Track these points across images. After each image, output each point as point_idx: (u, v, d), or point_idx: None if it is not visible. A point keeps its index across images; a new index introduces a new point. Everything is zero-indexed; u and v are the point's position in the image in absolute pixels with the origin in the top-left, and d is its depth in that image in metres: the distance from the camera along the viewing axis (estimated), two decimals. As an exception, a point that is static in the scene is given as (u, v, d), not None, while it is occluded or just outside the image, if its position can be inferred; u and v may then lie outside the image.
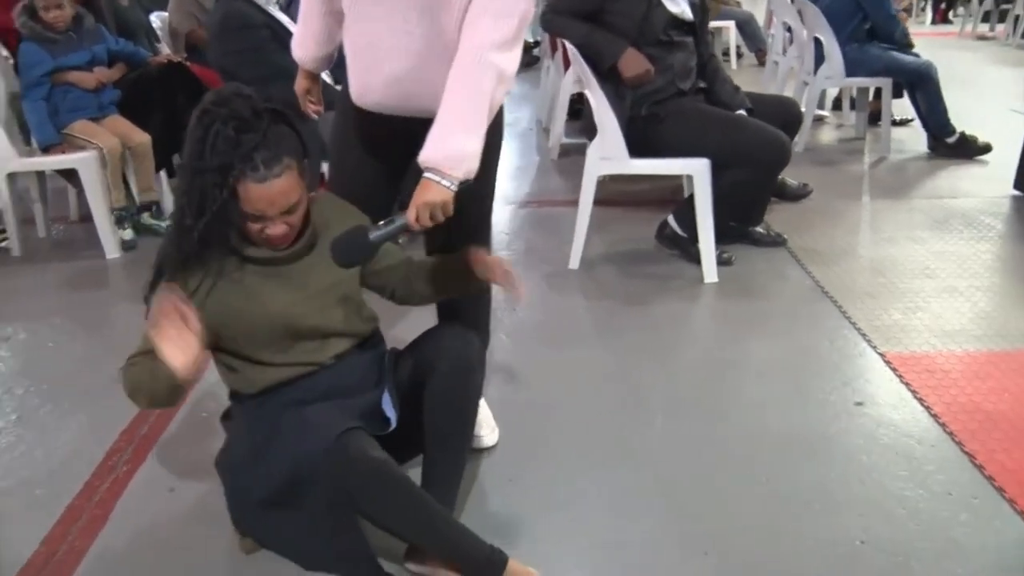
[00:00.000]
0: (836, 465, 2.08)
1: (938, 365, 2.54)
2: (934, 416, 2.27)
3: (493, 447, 2.17)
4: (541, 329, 2.91)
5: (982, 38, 10.56)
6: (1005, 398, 2.35)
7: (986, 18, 11.00)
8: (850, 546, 1.80)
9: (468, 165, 1.64)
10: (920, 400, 2.35)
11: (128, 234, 3.82)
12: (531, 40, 8.99)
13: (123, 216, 3.82)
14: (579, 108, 5.07)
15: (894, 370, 2.51)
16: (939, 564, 1.74)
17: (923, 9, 13.11)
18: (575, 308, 3.08)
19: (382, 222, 1.65)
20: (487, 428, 2.17)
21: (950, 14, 12.67)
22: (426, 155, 1.64)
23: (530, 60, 8.61)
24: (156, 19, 4.92)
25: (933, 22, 12.68)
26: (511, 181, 4.70)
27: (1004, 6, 10.69)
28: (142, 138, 3.86)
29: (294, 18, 3.16)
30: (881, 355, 2.60)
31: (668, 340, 2.79)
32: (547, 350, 2.75)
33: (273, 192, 1.55)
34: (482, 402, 2.16)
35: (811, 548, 1.80)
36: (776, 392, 2.43)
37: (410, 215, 1.62)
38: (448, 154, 1.63)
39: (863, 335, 2.73)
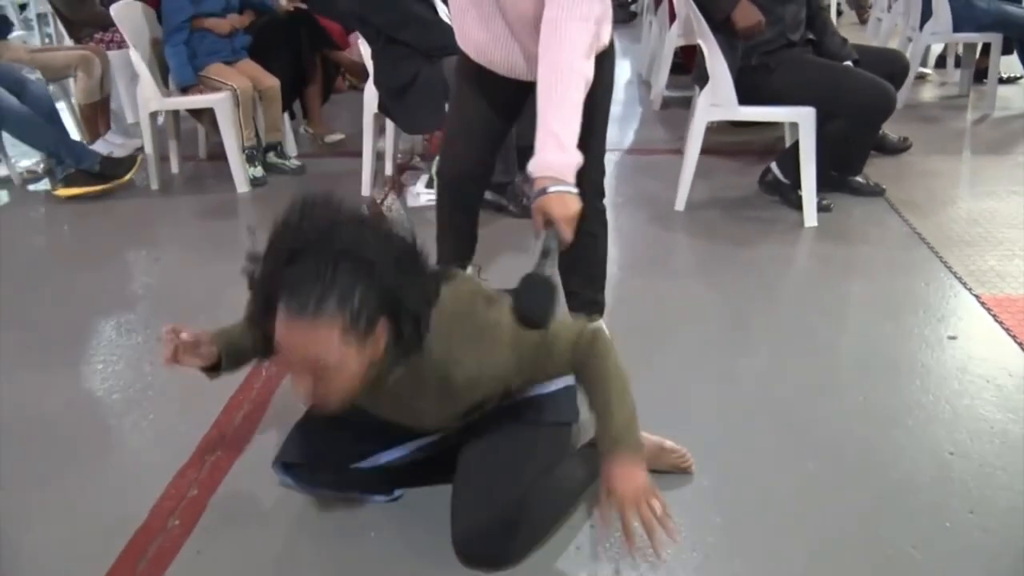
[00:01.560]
0: (929, 390, 2.23)
1: (1034, 308, 2.65)
2: (1028, 353, 2.40)
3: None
4: (648, 264, 3.10)
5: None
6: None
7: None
8: (940, 457, 1.96)
9: (576, 171, 1.70)
10: (1013, 337, 2.47)
11: (259, 171, 4.11)
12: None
13: (253, 154, 4.12)
14: (679, 63, 5.19)
15: (988, 310, 2.63)
16: (1024, 475, 1.89)
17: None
18: (680, 246, 3.26)
19: (539, 259, 1.56)
20: None
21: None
22: (539, 171, 1.68)
23: (626, 16, 8.68)
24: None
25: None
26: (615, 130, 4.87)
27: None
28: (272, 82, 4.14)
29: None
30: (976, 296, 2.72)
31: (770, 278, 2.96)
32: (653, 283, 2.94)
33: (294, 337, 1.31)
34: (601, 319, 2.37)
35: (904, 457, 1.96)
36: (873, 325, 2.58)
37: (563, 235, 1.63)
38: (558, 168, 1.67)
39: (958, 278, 2.85)
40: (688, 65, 4.87)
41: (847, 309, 2.71)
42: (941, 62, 6.01)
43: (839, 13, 8.36)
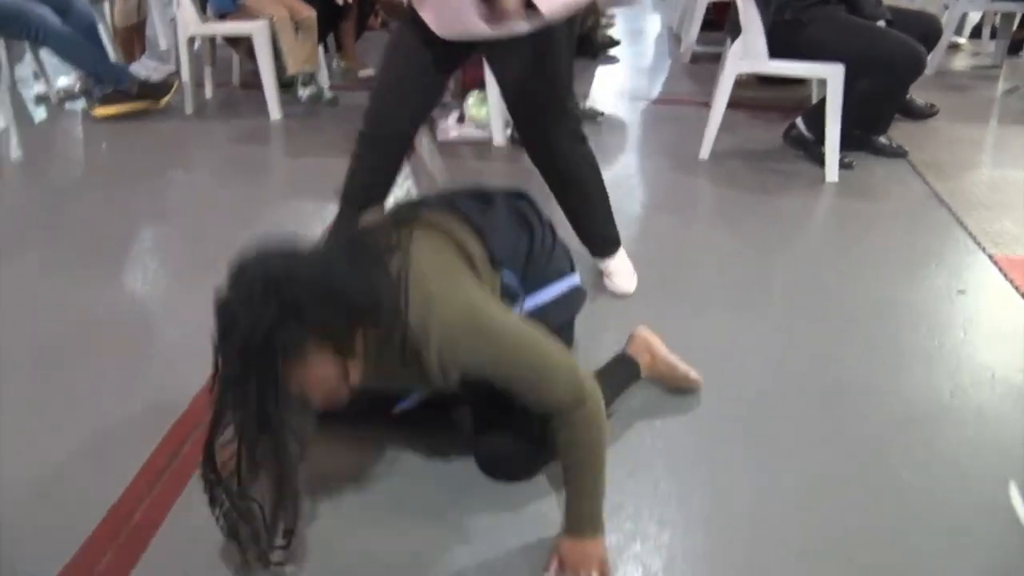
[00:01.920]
0: (935, 337, 2.30)
1: (1045, 270, 2.71)
2: (1036, 311, 2.47)
3: (631, 293, 2.48)
4: (670, 206, 3.19)
5: None
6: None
7: None
8: (939, 400, 2.04)
9: None
10: (1023, 295, 2.54)
11: (311, 90, 4.23)
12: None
13: (307, 80, 4.22)
14: (710, 19, 5.21)
15: (1000, 268, 2.70)
16: (1021, 424, 1.97)
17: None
18: (703, 192, 3.33)
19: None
20: (626, 275, 2.47)
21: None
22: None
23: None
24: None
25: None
26: (644, 80, 4.92)
27: None
28: (308, 12, 4.20)
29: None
30: (989, 256, 2.78)
31: (788, 226, 3.03)
32: (674, 223, 3.03)
33: (289, 378, 1.34)
34: (621, 251, 2.46)
35: (904, 398, 2.05)
36: (885, 276, 2.65)
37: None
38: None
39: (973, 237, 2.91)
40: (719, 21, 4.89)
41: (861, 259, 2.77)
42: (976, 33, 5.99)
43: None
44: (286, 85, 4.28)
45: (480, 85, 3.85)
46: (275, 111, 4.11)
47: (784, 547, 1.59)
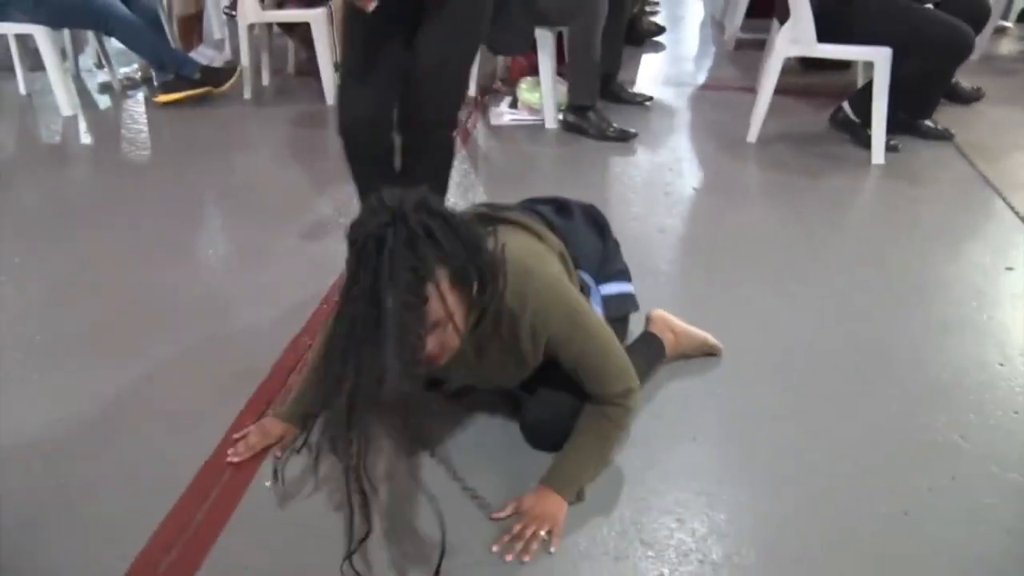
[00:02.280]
0: (984, 310, 2.38)
1: (1092, 248, 2.77)
2: (1081, 286, 2.52)
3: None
4: (718, 187, 3.27)
5: None
6: None
7: None
8: (991, 367, 2.12)
9: None
10: (1069, 271, 2.60)
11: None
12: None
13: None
14: (753, 6, 5.25)
15: (1047, 246, 2.76)
16: (1068, 387, 2.04)
17: None
18: (751, 174, 3.41)
19: None
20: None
21: None
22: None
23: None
24: None
25: None
26: (689, 67, 5.00)
27: None
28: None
29: None
30: (1037, 234, 2.85)
31: (836, 208, 3.10)
32: (723, 203, 3.11)
33: None
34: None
35: (955, 363, 2.13)
36: (934, 253, 2.72)
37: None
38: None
39: (1019, 216, 2.96)
40: (762, 8, 4.93)
41: (910, 237, 2.84)
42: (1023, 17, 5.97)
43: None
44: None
45: (533, 72, 3.95)
46: (331, 97, 4.23)
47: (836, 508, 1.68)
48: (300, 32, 4.46)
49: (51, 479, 1.72)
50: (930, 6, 3.43)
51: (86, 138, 3.84)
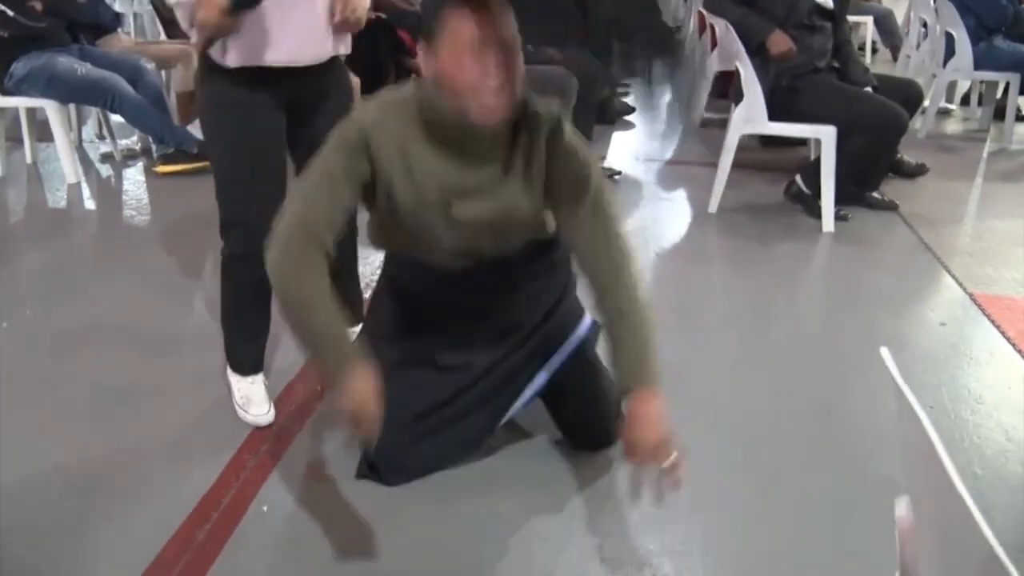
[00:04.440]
0: (918, 362, 2.63)
1: (1020, 305, 3.04)
2: (1008, 339, 2.79)
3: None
4: (683, 252, 3.55)
5: None
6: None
7: None
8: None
9: None
10: (997, 326, 2.86)
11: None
12: (672, 26, 9.52)
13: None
14: (718, 88, 5.63)
15: (978, 305, 3.03)
16: (984, 427, 2.29)
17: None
18: (711, 242, 3.70)
19: None
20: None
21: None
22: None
23: (671, 44, 9.13)
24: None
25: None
26: (657, 144, 5.34)
27: None
28: (354, 79, 4.61)
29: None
30: (969, 294, 3.12)
31: (788, 270, 3.39)
32: (687, 267, 3.38)
33: (486, 27, 1.52)
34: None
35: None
36: (875, 311, 2.99)
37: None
38: None
39: (955, 279, 3.25)
40: (726, 90, 5.30)
41: (854, 297, 3.12)
42: (966, 100, 6.40)
43: (874, 51, 8.75)
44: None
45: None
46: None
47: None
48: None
49: (58, 512, 1.91)
50: (869, 90, 3.78)
51: (90, 204, 4.08)
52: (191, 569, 1.71)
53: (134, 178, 4.50)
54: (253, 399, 2.24)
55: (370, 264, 2.79)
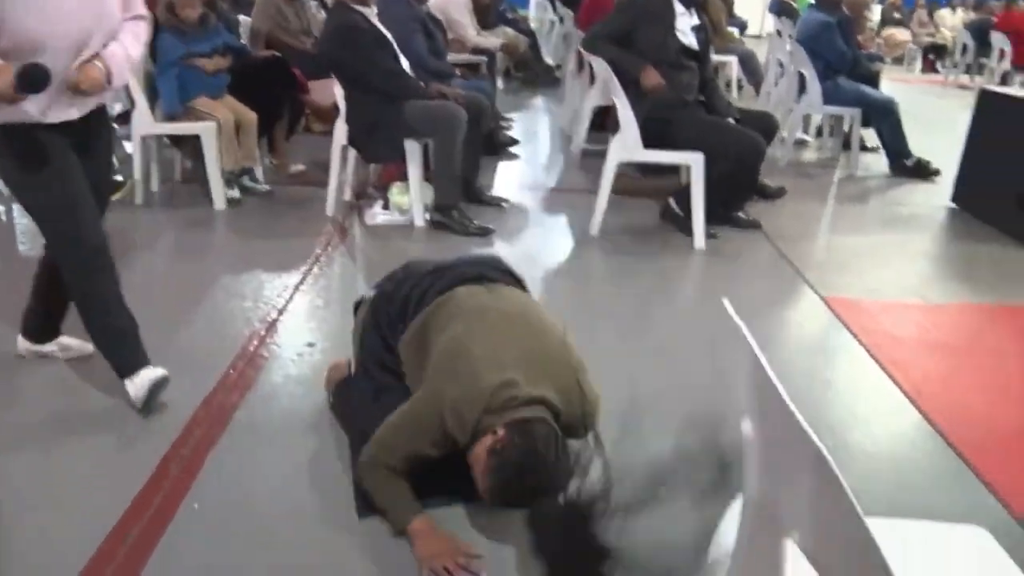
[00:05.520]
0: (776, 354, 2.98)
1: (863, 308, 3.46)
2: (853, 334, 3.18)
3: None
4: (568, 272, 3.84)
5: (963, 87, 11.58)
6: (908, 327, 3.27)
7: (968, 70, 12.05)
8: (780, 394, 2.70)
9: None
10: (845, 325, 3.26)
11: (236, 193, 4.72)
12: (552, 63, 9.99)
13: (231, 178, 4.73)
14: (597, 121, 6.02)
15: (830, 307, 3.43)
16: (843, 431, 2.64)
17: (914, 59, 14.21)
18: (595, 260, 4.01)
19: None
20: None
21: (937, 65, 13.78)
22: None
23: (552, 80, 9.59)
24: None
25: (923, 71, 13.80)
26: (541, 173, 5.67)
27: (982, 60, 11.76)
28: (251, 116, 4.77)
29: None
30: (823, 298, 3.52)
31: (664, 283, 3.73)
32: (573, 285, 3.68)
33: None
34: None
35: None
36: (742, 314, 3.31)
37: None
38: None
39: (811, 286, 3.66)
40: (604, 122, 5.70)
41: (721, 305, 3.46)
42: (820, 132, 7.01)
43: (740, 87, 9.42)
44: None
45: (402, 177, 4.47)
46: (219, 202, 4.61)
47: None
48: (189, 142, 4.85)
49: None
50: (732, 121, 4.20)
51: (-15, 240, 4.08)
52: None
53: (21, 215, 4.50)
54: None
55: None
